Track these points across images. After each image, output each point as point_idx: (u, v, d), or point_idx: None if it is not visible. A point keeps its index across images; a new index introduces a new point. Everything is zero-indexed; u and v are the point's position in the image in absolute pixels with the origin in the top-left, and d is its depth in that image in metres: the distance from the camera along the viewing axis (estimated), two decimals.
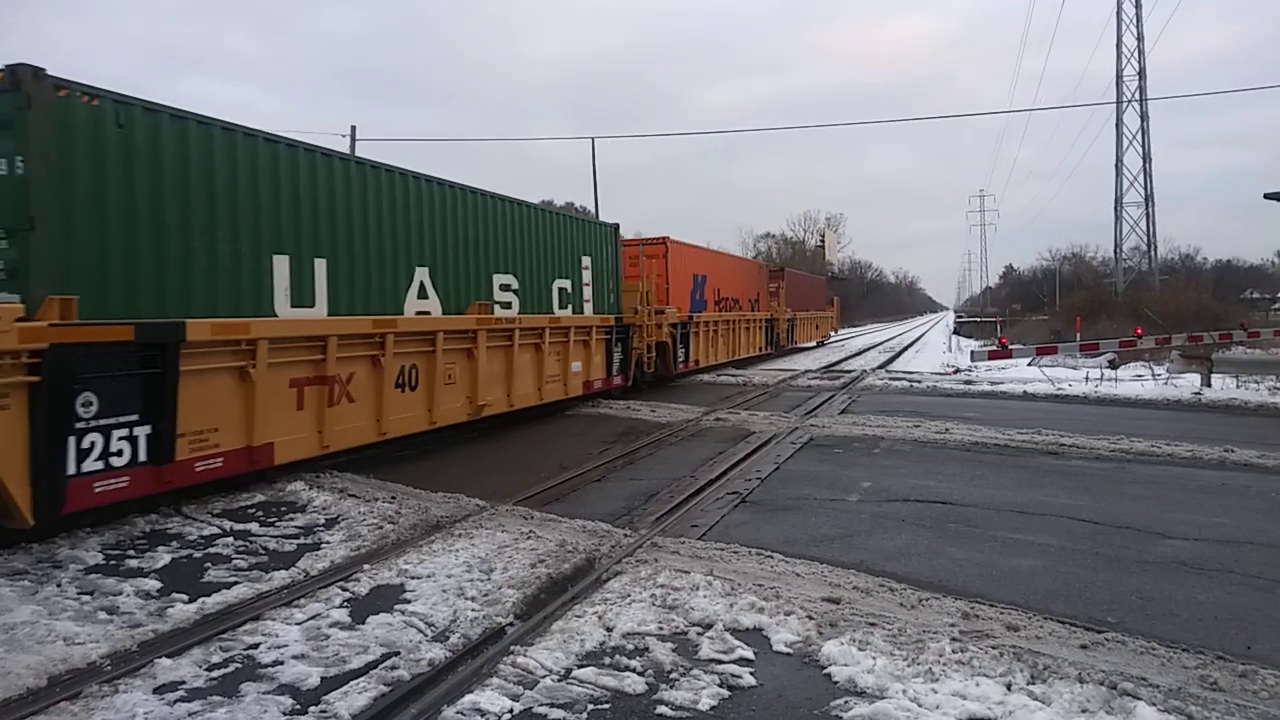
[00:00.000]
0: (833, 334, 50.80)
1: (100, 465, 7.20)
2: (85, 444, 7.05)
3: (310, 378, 9.58)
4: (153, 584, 6.10)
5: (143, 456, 7.56)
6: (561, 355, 15.54)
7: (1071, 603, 5.67)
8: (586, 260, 17.14)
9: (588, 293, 17.10)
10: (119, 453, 7.36)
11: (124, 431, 7.39)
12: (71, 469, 6.93)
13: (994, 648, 4.81)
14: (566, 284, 16.22)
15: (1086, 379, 20.67)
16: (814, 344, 42.16)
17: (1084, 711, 4.10)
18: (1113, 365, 22.83)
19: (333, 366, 9.76)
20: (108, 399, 7.23)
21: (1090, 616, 5.39)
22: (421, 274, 11.77)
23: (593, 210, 40.80)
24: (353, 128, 34.03)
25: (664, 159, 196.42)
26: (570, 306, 16.27)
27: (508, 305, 13.93)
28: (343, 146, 28.86)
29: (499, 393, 13.38)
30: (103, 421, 7.20)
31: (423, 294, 11.79)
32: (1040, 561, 6.59)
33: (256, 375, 8.66)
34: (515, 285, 14.21)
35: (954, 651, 4.73)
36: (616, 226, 19.07)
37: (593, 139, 43.47)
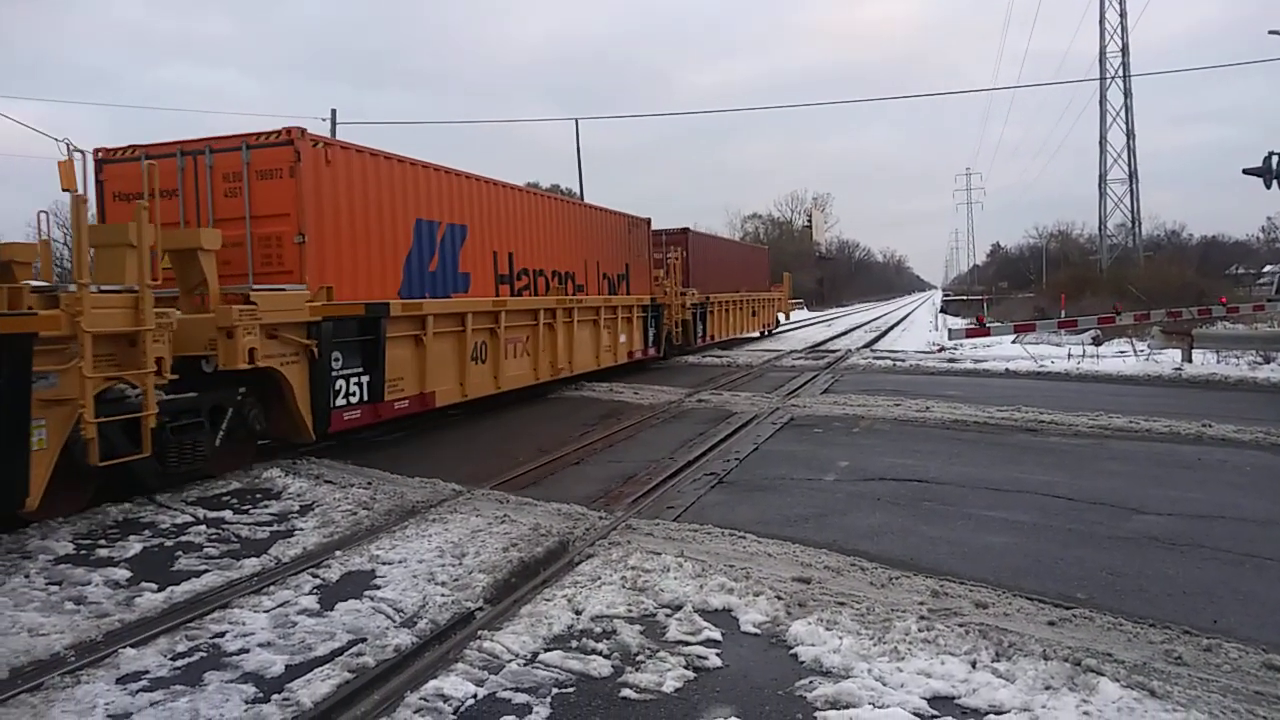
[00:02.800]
0: (782, 320, 41.51)
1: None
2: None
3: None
4: (122, 573, 6.06)
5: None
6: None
7: (1041, 579, 5.69)
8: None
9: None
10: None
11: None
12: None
13: (961, 626, 4.81)
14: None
15: (1069, 356, 20.74)
16: (756, 334, 34.42)
17: (1047, 688, 4.10)
18: (1096, 342, 22.90)
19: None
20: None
21: (1059, 593, 5.40)
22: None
23: (578, 192, 40.65)
24: (333, 111, 33.70)
25: (651, 140, 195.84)
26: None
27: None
28: (324, 130, 28.60)
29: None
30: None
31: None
32: (1013, 539, 6.61)
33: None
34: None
35: (920, 630, 4.73)
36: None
37: (576, 120, 43.16)
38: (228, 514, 7.68)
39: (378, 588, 5.66)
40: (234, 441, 9.18)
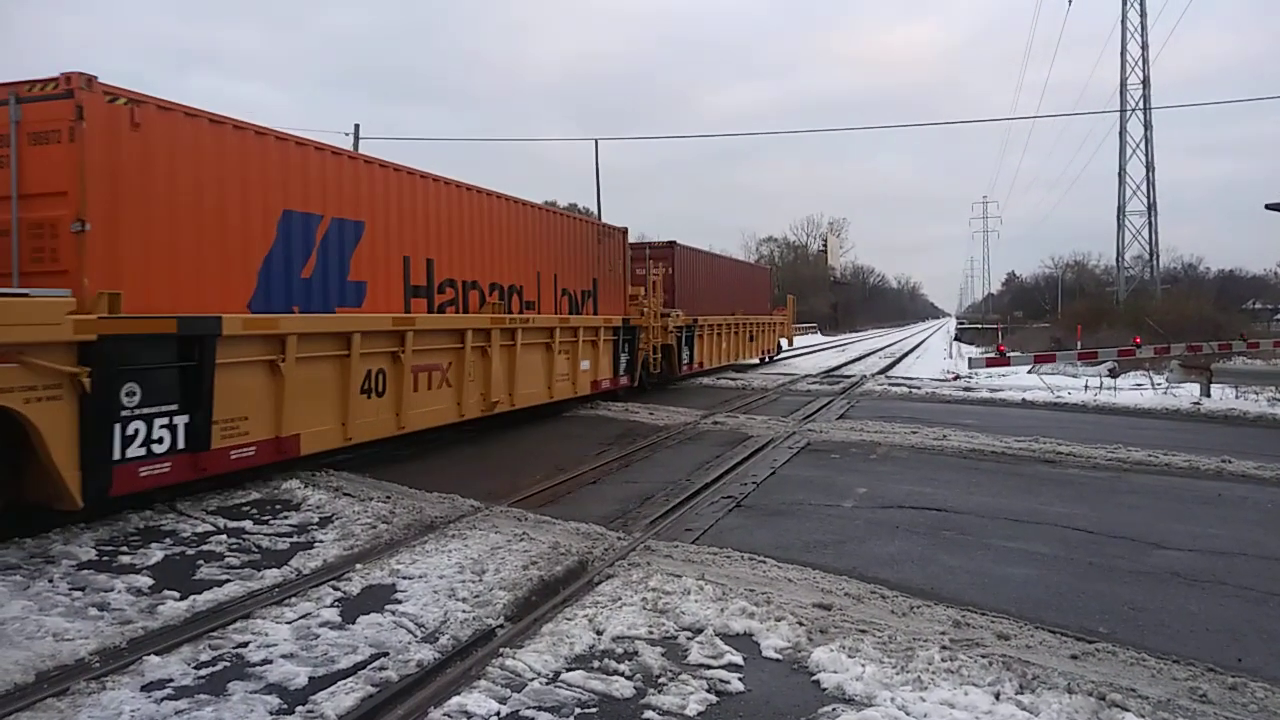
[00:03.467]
0: (785, 346, 37.82)
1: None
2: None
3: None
4: (145, 581, 6.09)
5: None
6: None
7: (1063, 612, 5.67)
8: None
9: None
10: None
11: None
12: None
13: (984, 656, 4.80)
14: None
15: (1086, 387, 20.66)
16: (755, 360, 31.38)
17: None
18: (1112, 374, 22.81)
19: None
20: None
21: (1081, 626, 5.39)
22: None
23: (595, 211, 40.82)
24: (356, 126, 33.96)
25: (669, 161, 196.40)
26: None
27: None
28: (346, 144, 28.86)
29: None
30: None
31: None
32: (1033, 570, 6.58)
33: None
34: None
35: (943, 660, 4.72)
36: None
37: (595, 140, 43.31)
38: (248, 524, 7.71)
39: (399, 602, 5.68)
40: None
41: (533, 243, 14.95)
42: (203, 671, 4.63)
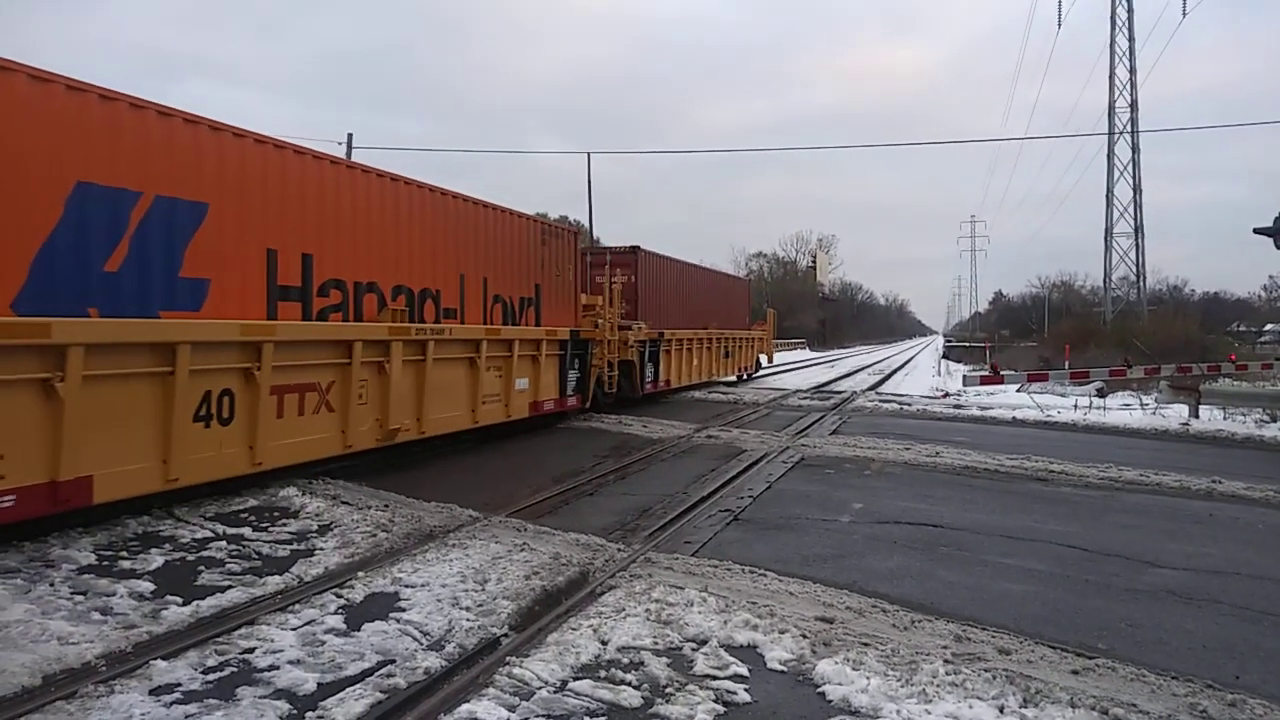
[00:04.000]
0: (764, 362, 34.85)
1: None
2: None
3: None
4: (146, 585, 6.09)
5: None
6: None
7: (1062, 628, 5.72)
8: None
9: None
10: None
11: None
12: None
13: (986, 670, 4.85)
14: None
15: (1075, 406, 20.80)
16: (731, 378, 29.19)
17: None
18: (1101, 394, 22.96)
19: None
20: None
21: (1081, 642, 5.44)
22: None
23: (587, 224, 40.93)
24: (349, 135, 34.09)
25: (661, 175, 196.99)
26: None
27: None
28: (340, 153, 28.92)
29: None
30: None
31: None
32: (1031, 587, 6.64)
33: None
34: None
35: (947, 673, 4.77)
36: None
37: (588, 154, 43.35)
38: (247, 530, 7.71)
39: (403, 610, 5.69)
40: None
41: (456, 240, 12.63)
42: (210, 676, 4.64)
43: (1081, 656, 5.17)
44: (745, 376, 30.68)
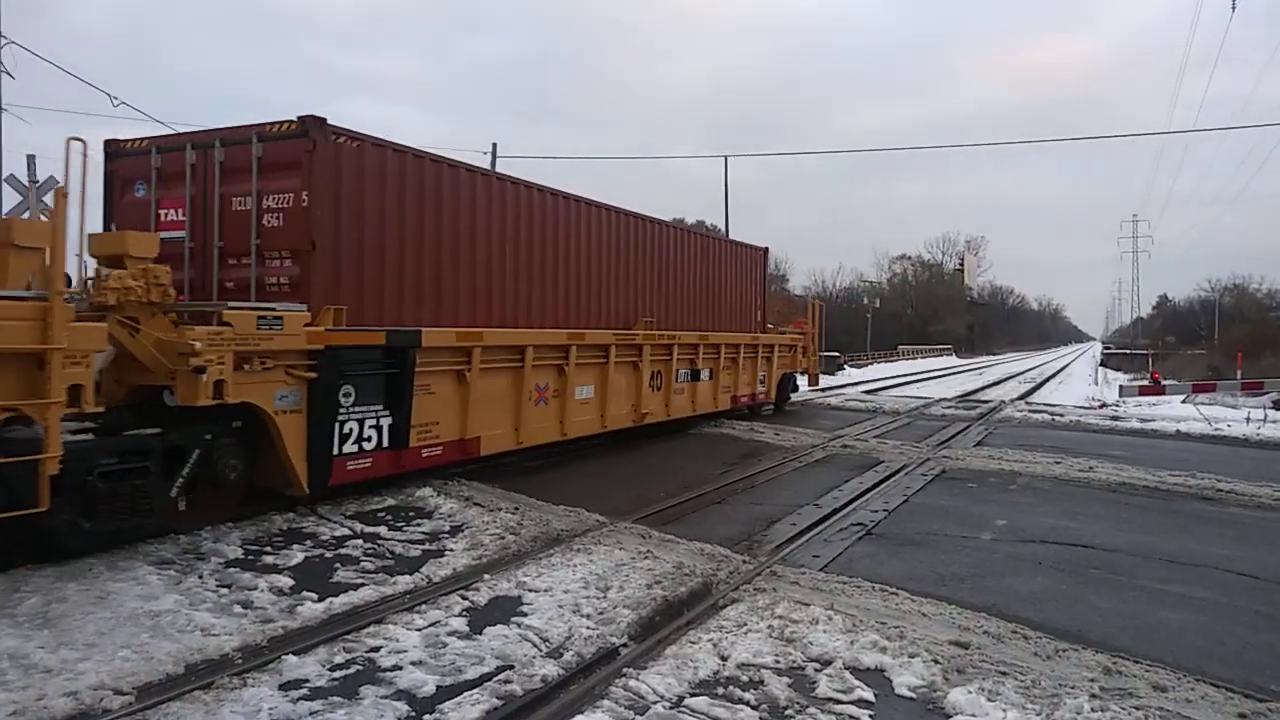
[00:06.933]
0: (804, 385, 22.75)
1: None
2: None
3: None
4: (286, 581, 6.33)
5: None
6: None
7: (1227, 664, 5.24)
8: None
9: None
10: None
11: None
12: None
13: (1138, 708, 4.47)
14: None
15: (1248, 420, 19.26)
16: (716, 409, 17.09)
17: None
18: (1277, 406, 21.20)
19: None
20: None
21: (1249, 681, 4.96)
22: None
23: (722, 228, 40.73)
24: (494, 145, 34.83)
25: (800, 177, 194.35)
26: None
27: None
28: (484, 163, 29.73)
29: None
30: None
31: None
32: (1191, 616, 6.12)
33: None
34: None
35: (1094, 709, 4.42)
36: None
37: (725, 157, 43.09)
38: (383, 529, 7.94)
39: (524, 615, 5.71)
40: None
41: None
42: (337, 674, 4.76)
43: (1250, 698, 4.71)
44: (755, 407, 19.07)
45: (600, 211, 13.43)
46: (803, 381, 22.43)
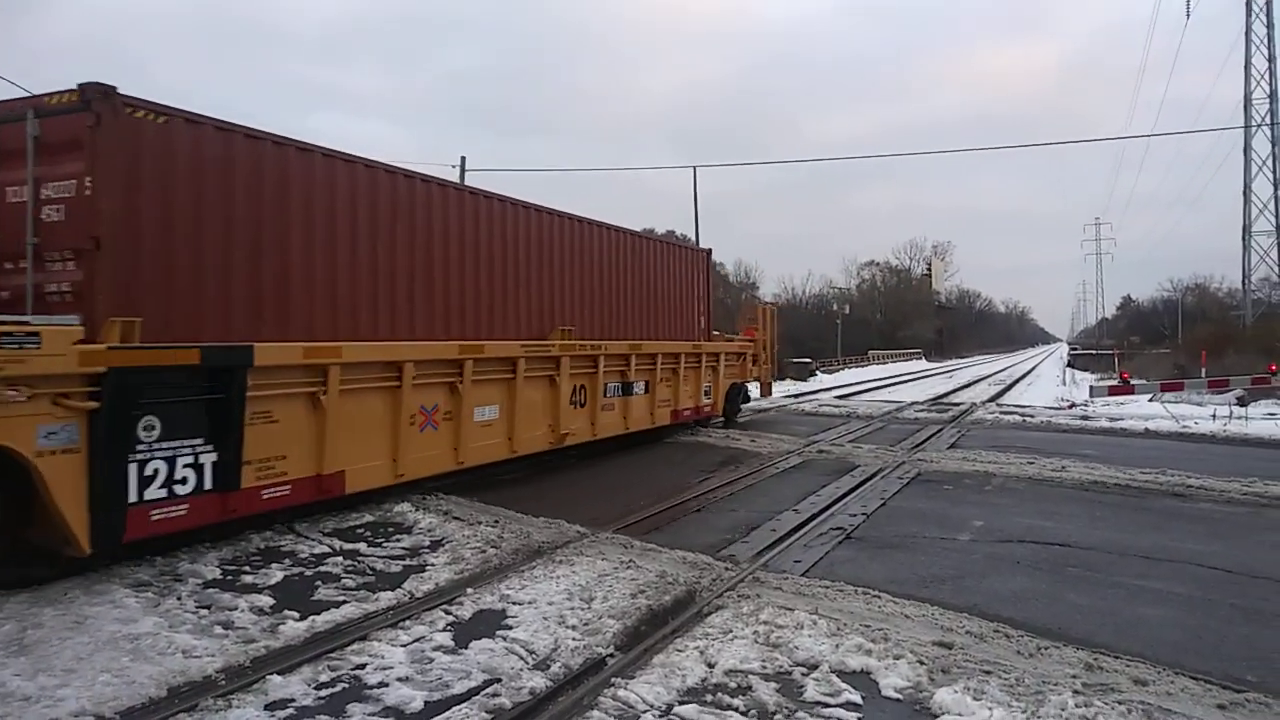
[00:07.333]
0: (755, 394, 21.29)
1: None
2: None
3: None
4: (266, 600, 6.26)
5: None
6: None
7: (1205, 657, 5.32)
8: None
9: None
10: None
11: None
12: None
13: (1121, 703, 4.53)
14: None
15: (1214, 417, 19.59)
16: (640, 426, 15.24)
17: None
18: (1241, 403, 21.57)
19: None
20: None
21: (1227, 673, 5.04)
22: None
23: (693, 237, 40.83)
24: (462, 158, 34.70)
25: (770, 186, 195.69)
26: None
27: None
28: (453, 176, 29.67)
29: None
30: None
31: None
32: (1169, 611, 6.21)
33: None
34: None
35: (1077, 705, 4.47)
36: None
37: (694, 168, 43.15)
38: (362, 546, 7.88)
39: (509, 628, 5.69)
40: None
41: None
42: (323, 692, 4.71)
43: (1228, 689, 4.79)
44: (701, 419, 17.71)
45: (506, 207, 11.74)
46: (755, 391, 21.20)
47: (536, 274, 12.38)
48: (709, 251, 19.33)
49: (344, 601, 6.23)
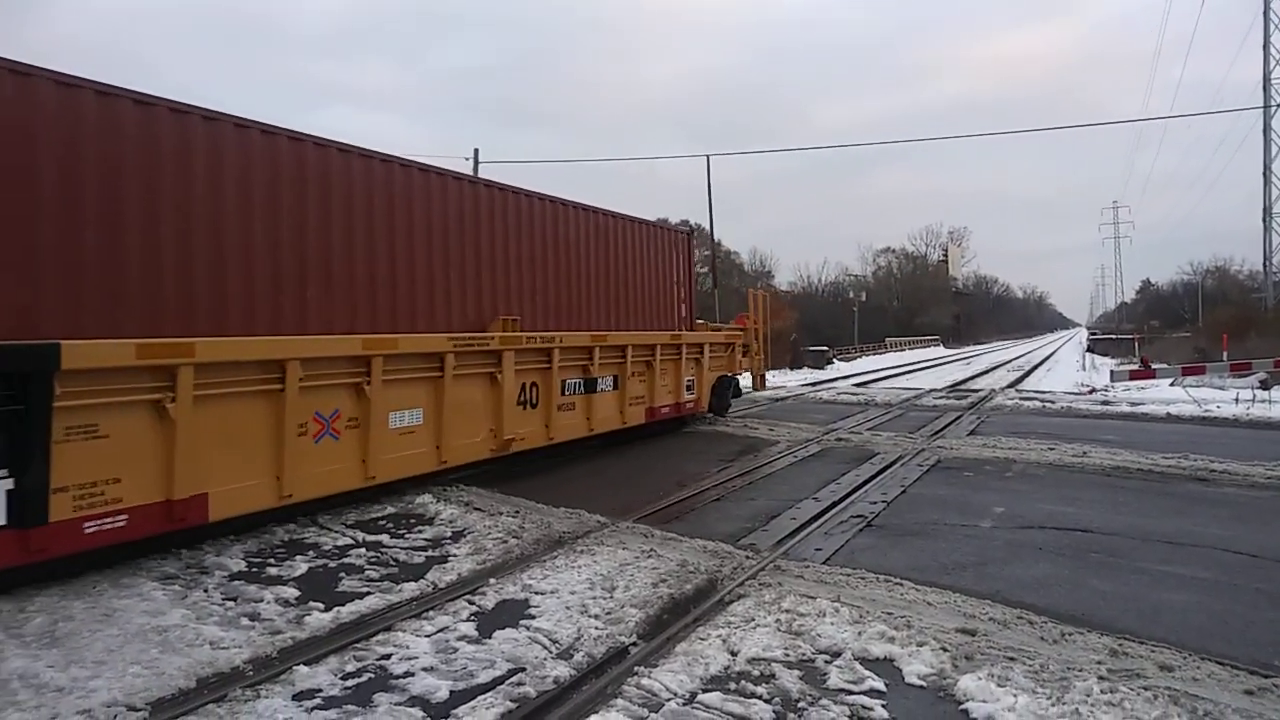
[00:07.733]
0: (746, 384, 19.51)
1: None
2: None
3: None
4: (292, 592, 6.32)
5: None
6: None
7: (1231, 642, 5.29)
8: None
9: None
10: None
11: None
12: None
13: (1147, 689, 4.51)
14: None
15: (1236, 400, 19.41)
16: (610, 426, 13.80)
17: None
18: (1264, 386, 21.36)
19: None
20: None
21: (1254, 659, 5.01)
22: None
23: (706, 227, 40.69)
24: (475, 150, 34.85)
25: (785, 174, 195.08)
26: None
27: None
28: (466, 169, 29.76)
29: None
30: None
31: None
32: (1193, 596, 6.17)
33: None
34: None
35: (1103, 691, 4.46)
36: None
37: (708, 156, 43.04)
38: (385, 538, 7.93)
39: (532, 617, 5.72)
40: None
41: None
42: (349, 682, 4.76)
43: (1256, 675, 4.75)
44: (684, 420, 16.33)
45: (430, 177, 10.26)
46: (743, 380, 19.10)
47: (473, 258, 10.94)
48: (690, 233, 18.04)
49: (368, 593, 6.27)
